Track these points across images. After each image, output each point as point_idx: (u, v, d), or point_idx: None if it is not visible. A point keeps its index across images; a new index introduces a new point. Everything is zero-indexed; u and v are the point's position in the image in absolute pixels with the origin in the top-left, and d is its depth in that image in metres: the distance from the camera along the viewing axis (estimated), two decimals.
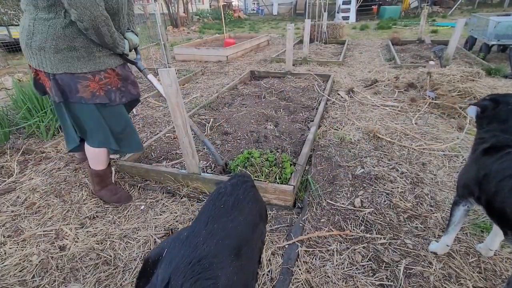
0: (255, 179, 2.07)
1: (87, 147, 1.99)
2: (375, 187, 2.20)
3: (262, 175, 2.13)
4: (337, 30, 8.75)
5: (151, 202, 2.16)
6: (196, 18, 17.78)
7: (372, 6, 15.21)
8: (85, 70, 1.70)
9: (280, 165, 2.19)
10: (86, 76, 1.72)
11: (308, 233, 1.82)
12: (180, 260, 0.81)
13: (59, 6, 1.57)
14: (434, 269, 1.54)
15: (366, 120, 3.32)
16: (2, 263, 1.67)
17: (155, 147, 2.80)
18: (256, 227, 1.11)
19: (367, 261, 1.62)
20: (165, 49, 5.76)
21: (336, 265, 1.60)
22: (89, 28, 1.58)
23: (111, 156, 2.68)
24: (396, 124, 3.18)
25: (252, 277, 1.01)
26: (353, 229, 1.84)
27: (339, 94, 4.18)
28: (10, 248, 1.76)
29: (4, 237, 1.85)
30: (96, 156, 2.01)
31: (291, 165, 2.23)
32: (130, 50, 1.94)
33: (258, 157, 2.26)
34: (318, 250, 1.70)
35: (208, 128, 3.11)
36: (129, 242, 1.81)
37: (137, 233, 1.88)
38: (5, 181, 2.41)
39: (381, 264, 1.59)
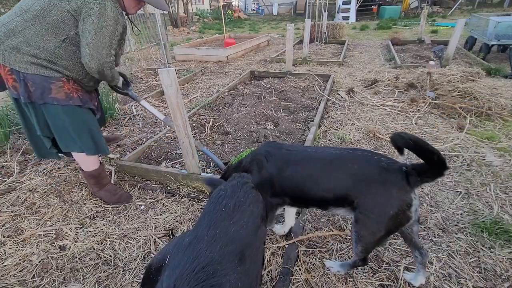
0: None
1: (73, 152, 1.96)
2: None
3: None
4: (337, 30, 8.75)
5: (151, 202, 2.16)
6: (196, 18, 17.78)
7: (372, 6, 15.21)
8: (57, 75, 1.71)
9: None
10: (60, 78, 1.71)
11: (308, 233, 1.82)
12: (184, 267, 0.80)
13: (63, 31, 1.63)
14: (434, 269, 1.54)
15: (366, 120, 3.32)
16: (2, 263, 1.67)
17: (155, 147, 2.80)
18: (259, 229, 1.10)
19: None
20: (165, 49, 5.76)
21: None
22: (95, 72, 1.69)
23: (111, 156, 2.68)
24: (396, 124, 3.18)
25: (256, 281, 1.01)
26: None
27: (339, 94, 4.19)
28: (10, 248, 1.76)
29: (4, 237, 1.85)
30: (84, 159, 1.98)
31: None
32: (125, 83, 2.21)
33: None
34: (318, 250, 1.70)
35: (208, 128, 3.11)
36: (129, 242, 1.81)
37: (137, 233, 1.88)
38: (5, 181, 2.41)
39: (381, 264, 1.59)
